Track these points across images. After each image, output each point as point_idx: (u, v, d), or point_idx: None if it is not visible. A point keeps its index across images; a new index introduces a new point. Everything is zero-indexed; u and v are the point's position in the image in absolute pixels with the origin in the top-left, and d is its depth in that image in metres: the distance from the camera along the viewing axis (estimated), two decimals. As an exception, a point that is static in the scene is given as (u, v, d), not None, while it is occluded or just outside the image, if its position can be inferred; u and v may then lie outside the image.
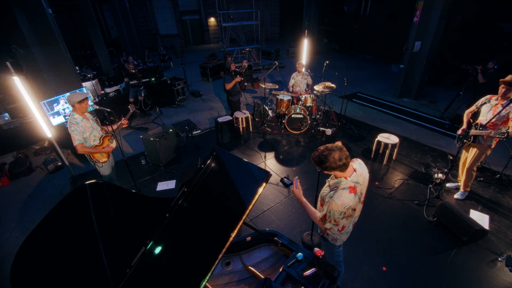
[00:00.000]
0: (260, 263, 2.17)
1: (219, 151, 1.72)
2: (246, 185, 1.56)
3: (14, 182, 5.36)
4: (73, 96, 3.21)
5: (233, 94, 5.99)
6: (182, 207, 1.58)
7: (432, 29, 7.48)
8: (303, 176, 4.69)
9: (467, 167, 3.77)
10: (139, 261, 1.47)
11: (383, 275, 3.02)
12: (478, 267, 3.08)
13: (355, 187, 1.95)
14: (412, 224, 3.66)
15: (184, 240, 1.56)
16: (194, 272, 1.38)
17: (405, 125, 6.57)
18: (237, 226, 1.40)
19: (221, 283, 2.02)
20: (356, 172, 2.01)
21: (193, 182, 1.60)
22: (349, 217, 2.09)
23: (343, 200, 1.90)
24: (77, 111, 3.28)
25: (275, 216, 3.84)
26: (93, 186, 1.94)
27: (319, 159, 1.90)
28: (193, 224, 1.59)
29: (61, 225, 1.74)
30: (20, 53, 4.77)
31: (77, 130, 3.20)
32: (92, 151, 3.38)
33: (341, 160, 1.85)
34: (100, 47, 10.04)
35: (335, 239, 2.28)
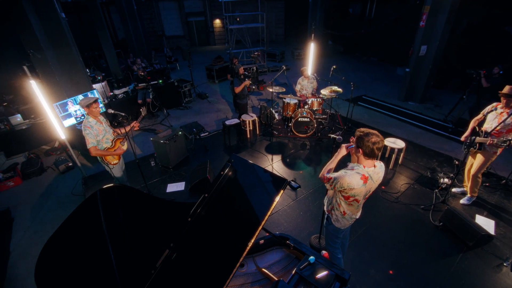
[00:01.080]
0: (273, 265, 2.25)
1: (237, 159, 1.81)
2: (263, 192, 1.64)
3: (26, 182, 5.49)
4: (83, 100, 3.34)
5: (242, 97, 6.08)
6: (203, 212, 1.67)
7: (438, 33, 7.51)
8: (310, 179, 4.76)
9: (473, 173, 3.82)
10: (163, 263, 1.56)
11: (390, 278, 3.09)
12: (484, 272, 3.13)
13: (367, 178, 2.13)
14: (418, 228, 3.72)
15: (204, 245, 1.64)
16: (214, 277, 1.46)
17: (410, 128, 6.61)
18: (256, 231, 1.48)
19: (236, 284, 2.10)
20: (375, 169, 2.18)
21: (213, 188, 1.69)
22: (350, 205, 2.33)
23: (351, 180, 2.09)
24: (91, 115, 3.39)
25: (283, 219, 3.91)
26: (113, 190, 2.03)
27: (361, 134, 2.08)
28: (212, 229, 1.67)
29: (83, 227, 1.83)
30: (36, 57, 4.89)
31: (91, 133, 3.31)
32: (105, 153, 3.49)
33: (375, 144, 2.01)
34: (108, 48, 10.20)
35: (337, 220, 2.49)
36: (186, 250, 1.61)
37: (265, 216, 1.51)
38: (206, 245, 1.63)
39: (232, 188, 1.72)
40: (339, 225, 2.52)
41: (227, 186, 1.71)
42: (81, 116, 5.68)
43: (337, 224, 2.52)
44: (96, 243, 1.76)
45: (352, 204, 2.33)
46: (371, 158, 2.13)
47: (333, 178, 2.18)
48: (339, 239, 2.71)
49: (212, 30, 19.25)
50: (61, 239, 1.72)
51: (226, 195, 1.70)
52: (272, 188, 1.62)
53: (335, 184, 2.17)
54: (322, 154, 5.58)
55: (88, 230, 1.80)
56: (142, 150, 6.12)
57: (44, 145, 6.73)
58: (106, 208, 1.85)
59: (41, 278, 1.60)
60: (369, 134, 2.05)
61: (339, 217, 2.47)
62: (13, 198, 4.95)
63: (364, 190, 2.21)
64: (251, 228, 1.51)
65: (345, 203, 2.35)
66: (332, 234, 2.67)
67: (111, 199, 1.90)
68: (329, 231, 2.67)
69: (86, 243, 1.77)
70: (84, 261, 1.70)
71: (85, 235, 1.79)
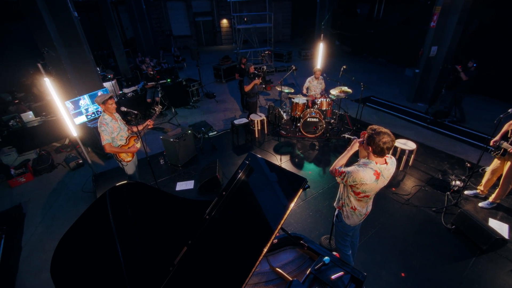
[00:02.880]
0: (287, 265, 2.24)
1: (253, 157, 1.80)
2: (281, 192, 1.63)
3: (38, 178, 5.57)
4: (99, 97, 3.39)
5: (251, 95, 6.10)
6: (220, 211, 1.67)
7: (449, 34, 7.42)
8: (319, 180, 4.74)
9: (506, 179, 3.66)
10: (180, 261, 1.56)
11: (402, 281, 3.06)
12: (498, 276, 3.08)
13: (379, 174, 2.15)
14: (430, 231, 3.67)
15: (221, 244, 1.64)
16: (231, 279, 1.46)
17: (419, 130, 6.54)
18: (276, 230, 1.47)
19: (250, 284, 2.10)
20: (386, 166, 2.18)
21: (230, 187, 1.69)
22: (360, 201, 2.34)
23: (364, 175, 2.10)
24: (106, 112, 3.44)
25: (292, 219, 3.90)
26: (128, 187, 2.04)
27: (372, 132, 2.08)
28: (229, 229, 1.67)
29: (98, 224, 1.84)
30: (51, 55, 4.97)
31: (107, 130, 3.35)
32: (119, 150, 3.52)
33: (385, 144, 2.04)
34: (118, 47, 10.31)
35: (347, 216, 2.48)
36: (203, 249, 1.61)
37: (283, 217, 1.51)
38: (223, 245, 1.63)
39: (249, 187, 1.71)
40: (349, 222, 2.51)
41: (244, 185, 1.71)
42: (92, 114, 5.75)
43: (347, 221, 2.51)
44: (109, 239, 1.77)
45: (361, 200, 2.34)
46: (380, 156, 2.14)
47: (345, 172, 2.18)
48: (349, 237, 2.71)
49: (219, 30, 19.30)
50: (76, 234, 1.74)
51: (243, 194, 1.70)
52: (291, 188, 1.61)
53: (347, 178, 2.17)
54: (331, 154, 5.55)
55: (104, 225, 1.82)
56: (151, 149, 6.16)
57: (55, 142, 6.82)
58: (119, 205, 1.87)
59: (56, 274, 1.61)
60: (380, 134, 2.05)
61: (349, 214, 2.47)
62: (25, 194, 5.03)
63: (375, 187, 2.21)
64: (270, 227, 1.50)
65: (355, 198, 2.35)
66: (342, 232, 2.66)
67: (125, 195, 1.92)
68: (339, 228, 2.66)
69: (102, 238, 1.78)
70: (96, 257, 1.71)
71: (100, 230, 1.81)
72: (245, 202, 1.70)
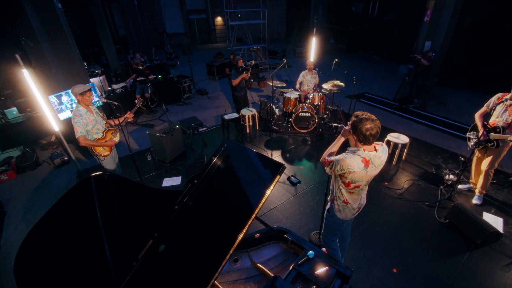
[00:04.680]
0: (269, 260, 2.11)
1: (230, 143, 1.67)
2: (258, 178, 1.50)
3: (21, 176, 5.38)
4: (76, 88, 3.21)
5: (238, 89, 6.01)
6: (192, 199, 1.53)
7: (443, 29, 7.34)
8: (311, 175, 4.62)
9: (486, 169, 3.62)
10: (146, 254, 1.42)
11: (394, 277, 2.94)
12: (492, 271, 2.97)
13: (368, 162, 2.02)
14: (423, 226, 3.56)
15: (192, 235, 1.50)
16: (202, 270, 1.33)
17: (413, 125, 6.45)
18: (249, 220, 1.34)
19: (229, 280, 1.96)
20: (376, 153, 2.06)
21: (203, 174, 1.55)
22: (352, 193, 2.22)
23: (352, 162, 1.99)
24: (81, 104, 3.27)
25: (282, 215, 3.77)
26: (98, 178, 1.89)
27: (354, 120, 1.99)
28: (201, 218, 1.53)
29: (66, 218, 1.70)
30: (29, 45, 4.79)
31: (80, 122, 3.19)
32: (94, 144, 3.36)
33: (368, 131, 1.91)
34: (108, 44, 10.10)
35: (339, 210, 2.36)
36: (172, 241, 1.47)
37: (259, 204, 1.37)
38: (194, 235, 1.49)
39: (224, 174, 1.58)
40: (340, 216, 2.38)
41: (219, 172, 1.57)
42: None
43: (339, 214, 2.38)
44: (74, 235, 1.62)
45: (353, 191, 2.20)
46: (366, 144, 2.02)
47: (333, 161, 2.06)
48: (339, 231, 2.59)
49: (214, 28, 19.13)
50: (45, 229, 1.60)
51: (217, 181, 1.56)
52: (268, 174, 1.48)
53: (335, 166, 2.05)
54: (323, 149, 5.41)
55: (69, 223, 1.67)
56: (139, 145, 5.99)
57: (41, 139, 6.61)
58: (86, 199, 1.73)
59: (21, 272, 1.47)
60: (362, 121, 1.94)
61: (340, 207, 2.34)
62: (7, 192, 4.84)
63: (365, 176, 2.08)
64: (244, 216, 1.37)
65: (346, 191, 2.21)
66: (332, 227, 2.54)
67: (94, 188, 1.78)
68: (329, 223, 2.53)
69: (75, 233, 1.64)
70: (73, 251, 1.56)
71: (65, 228, 1.66)
72: (218, 190, 1.56)
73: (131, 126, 6.93)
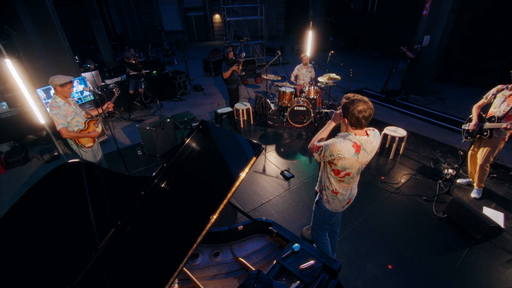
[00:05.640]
0: (253, 254, 1.97)
1: (206, 125, 1.53)
2: (233, 160, 1.37)
3: (9, 171, 5.25)
4: (56, 78, 3.05)
5: (230, 82, 5.91)
6: (160, 184, 1.39)
7: (442, 22, 7.18)
8: (305, 169, 4.48)
9: (481, 163, 3.51)
10: (107, 244, 1.28)
11: (389, 273, 2.79)
12: (493, 267, 2.83)
13: (359, 147, 1.89)
14: (420, 221, 3.42)
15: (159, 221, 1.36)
16: (170, 255, 1.19)
17: (412, 121, 6.30)
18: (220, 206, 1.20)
19: (208, 275, 1.82)
20: (368, 138, 1.92)
21: (173, 157, 1.41)
22: (341, 182, 2.07)
23: (342, 147, 1.86)
24: (59, 95, 3.12)
25: (273, 209, 3.63)
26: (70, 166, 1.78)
27: (346, 101, 1.85)
28: (171, 203, 1.40)
29: (34, 207, 1.58)
30: (12, 34, 4.64)
31: (59, 113, 3.05)
32: (78, 135, 3.23)
33: (361, 113, 1.78)
34: (102, 39, 9.96)
35: (328, 201, 2.23)
36: (135, 230, 1.33)
37: (232, 187, 1.24)
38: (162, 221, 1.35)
39: (198, 156, 1.44)
40: (329, 207, 2.23)
41: (191, 156, 1.43)
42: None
43: (328, 205, 2.23)
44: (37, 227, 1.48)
45: (343, 180, 2.05)
46: (358, 128, 1.88)
47: (323, 146, 1.93)
48: (328, 225, 2.44)
49: (212, 25, 19.00)
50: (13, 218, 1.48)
51: (189, 164, 1.42)
52: (244, 155, 1.34)
53: (324, 152, 1.91)
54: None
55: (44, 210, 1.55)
56: (131, 141, 5.86)
57: (31, 134, 6.47)
58: (53, 189, 1.60)
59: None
60: (354, 102, 1.79)
61: (329, 197, 2.19)
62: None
63: (356, 163, 1.93)
64: (215, 201, 1.23)
65: (336, 180, 2.07)
66: (321, 220, 2.39)
67: (61, 178, 1.66)
68: (318, 216, 2.39)
69: (42, 221, 1.50)
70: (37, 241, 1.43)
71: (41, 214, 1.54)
72: (190, 173, 1.42)
73: (124, 122, 6.80)
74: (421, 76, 7.80)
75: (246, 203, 3.75)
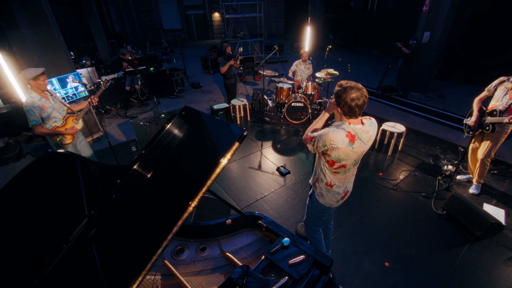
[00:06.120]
0: (241, 249, 1.88)
1: (190, 110, 1.44)
2: (216, 146, 1.28)
3: (2, 167, 5.17)
4: (27, 72, 2.85)
5: (228, 77, 5.87)
6: (138, 172, 1.31)
7: (443, 18, 7.08)
8: (301, 166, 4.39)
9: (482, 158, 3.42)
10: (79, 235, 1.20)
11: (386, 271, 2.70)
12: (494, 265, 2.73)
13: (354, 137, 1.79)
14: (418, 217, 3.33)
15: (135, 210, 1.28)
16: (145, 247, 1.11)
17: (412, 118, 6.20)
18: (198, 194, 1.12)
19: (193, 271, 1.74)
20: (363, 127, 1.82)
21: (153, 143, 1.32)
22: (336, 174, 1.98)
23: (335, 136, 1.76)
24: (34, 89, 2.94)
25: (268, 206, 3.54)
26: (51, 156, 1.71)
27: (339, 88, 1.76)
28: (148, 191, 1.31)
29: (11, 198, 1.51)
30: (4, 27, 4.57)
31: (32, 110, 2.87)
32: (51, 132, 3.04)
33: (354, 101, 1.68)
34: (99, 37, 9.90)
35: (321, 194, 2.13)
36: (109, 219, 1.25)
37: (211, 175, 1.15)
38: (137, 211, 1.27)
39: (178, 143, 1.35)
40: (323, 201, 2.14)
41: (172, 141, 1.35)
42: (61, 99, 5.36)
43: (321, 199, 2.14)
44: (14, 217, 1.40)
45: (338, 171, 1.96)
46: (352, 117, 1.78)
47: (316, 136, 1.83)
48: (322, 221, 2.35)
49: (211, 24, 18.92)
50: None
51: (169, 151, 1.33)
52: (227, 141, 1.25)
53: (317, 142, 1.82)
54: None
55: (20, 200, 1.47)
56: (127, 137, 5.78)
57: (26, 131, 6.40)
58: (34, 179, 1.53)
59: None
60: (347, 89, 1.70)
61: (323, 191, 2.09)
62: (-16, 183, 4.62)
63: (351, 153, 1.83)
64: (194, 189, 1.15)
65: (330, 171, 1.97)
66: (314, 214, 2.30)
67: (42, 168, 1.59)
68: (312, 210, 2.30)
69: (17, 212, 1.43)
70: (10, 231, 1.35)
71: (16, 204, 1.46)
72: (169, 161, 1.34)
73: (120, 119, 6.72)
74: (421, 73, 7.69)
75: (240, 200, 3.67)
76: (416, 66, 7.64)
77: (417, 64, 7.59)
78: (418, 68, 7.62)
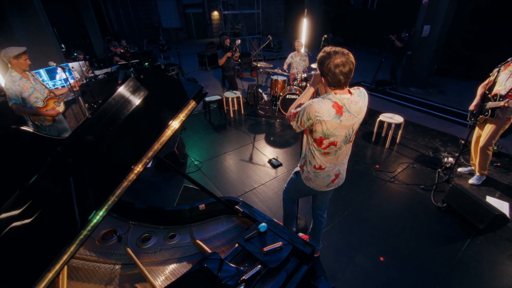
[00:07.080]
0: (214, 237, 1.69)
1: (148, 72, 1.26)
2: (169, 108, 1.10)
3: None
4: (9, 50, 2.81)
5: (227, 69, 5.86)
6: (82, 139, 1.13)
7: (443, 11, 6.88)
8: (294, 157, 4.20)
9: (482, 145, 3.22)
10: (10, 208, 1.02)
11: (380, 265, 2.50)
12: (497, 260, 2.53)
13: (341, 108, 1.59)
14: (417, 210, 3.12)
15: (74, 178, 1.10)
16: (76, 220, 0.93)
17: (411, 112, 6.00)
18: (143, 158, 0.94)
19: (158, 260, 1.55)
20: (351, 96, 1.61)
21: (101, 107, 1.14)
22: (327, 154, 1.78)
23: (320, 107, 1.56)
24: (15, 68, 2.89)
25: (257, 198, 3.35)
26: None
27: (323, 54, 1.55)
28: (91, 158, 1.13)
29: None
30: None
31: (12, 89, 2.84)
32: (32, 112, 3.01)
33: (338, 67, 1.48)
34: (94, 32, 9.78)
35: (308, 178, 1.94)
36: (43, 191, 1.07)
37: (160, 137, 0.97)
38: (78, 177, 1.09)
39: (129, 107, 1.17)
40: (310, 185, 1.95)
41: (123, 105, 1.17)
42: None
43: (308, 183, 1.95)
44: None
45: (328, 152, 1.75)
46: (338, 88, 1.57)
47: (300, 111, 1.63)
48: (302, 194, 2.24)
49: (210, 22, 18.81)
50: None
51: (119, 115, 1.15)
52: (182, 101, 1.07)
53: (301, 116, 1.62)
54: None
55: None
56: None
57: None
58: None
59: None
60: (331, 54, 1.50)
61: (311, 175, 1.89)
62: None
63: (340, 127, 1.62)
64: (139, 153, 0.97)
65: (320, 152, 1.77)
66: (296, 187, 2.14)
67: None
68: (294, 184, 2.15)
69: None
70: None
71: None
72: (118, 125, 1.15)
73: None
74: (421, 68, 7.49)
75: (228, 192, 3.47)
76: (413, 59, 7.47)
77: (416, 57, 7.40)
78: (417, 62, 7.43)
